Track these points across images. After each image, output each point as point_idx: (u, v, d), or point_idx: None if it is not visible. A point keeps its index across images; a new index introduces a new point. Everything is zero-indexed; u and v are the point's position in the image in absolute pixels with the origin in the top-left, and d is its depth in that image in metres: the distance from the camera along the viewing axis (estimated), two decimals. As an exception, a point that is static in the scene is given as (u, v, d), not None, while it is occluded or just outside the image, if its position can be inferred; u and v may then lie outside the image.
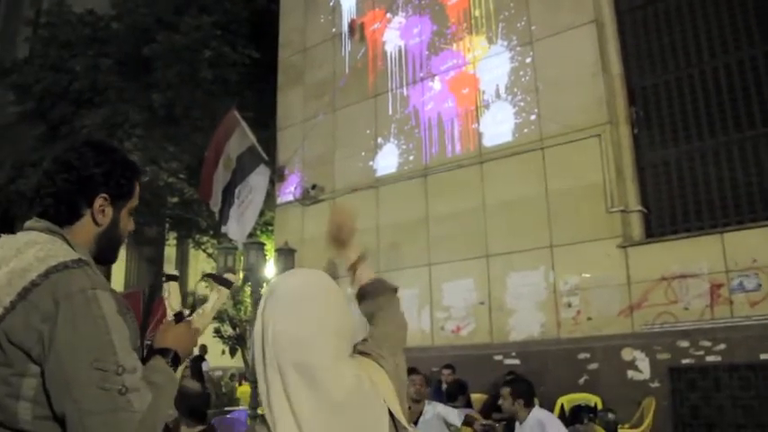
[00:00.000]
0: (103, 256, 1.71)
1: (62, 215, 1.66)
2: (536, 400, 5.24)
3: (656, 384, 7.65)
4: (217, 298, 1.90)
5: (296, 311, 1.44)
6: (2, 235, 1.66)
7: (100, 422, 1.38)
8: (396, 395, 1.47)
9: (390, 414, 1.43)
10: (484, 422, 5.36)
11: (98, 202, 1.68)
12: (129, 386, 1.42)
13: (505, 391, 4.83)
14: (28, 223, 1.68)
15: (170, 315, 1.80)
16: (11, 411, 1.42)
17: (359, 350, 1.55)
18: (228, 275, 1.90)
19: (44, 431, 1.43)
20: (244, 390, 11.99)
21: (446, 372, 8.52)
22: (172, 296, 1.90)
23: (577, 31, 9.12)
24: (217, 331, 13.66)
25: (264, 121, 12.77)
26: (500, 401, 4.89)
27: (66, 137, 15.02)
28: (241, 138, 10.06)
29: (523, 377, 6.69)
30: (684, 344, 7.56)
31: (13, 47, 24.23)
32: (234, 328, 15.06)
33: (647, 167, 8.77)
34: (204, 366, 12.83)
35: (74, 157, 1.69)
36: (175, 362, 1.64)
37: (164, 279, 1.99)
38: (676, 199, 8.46)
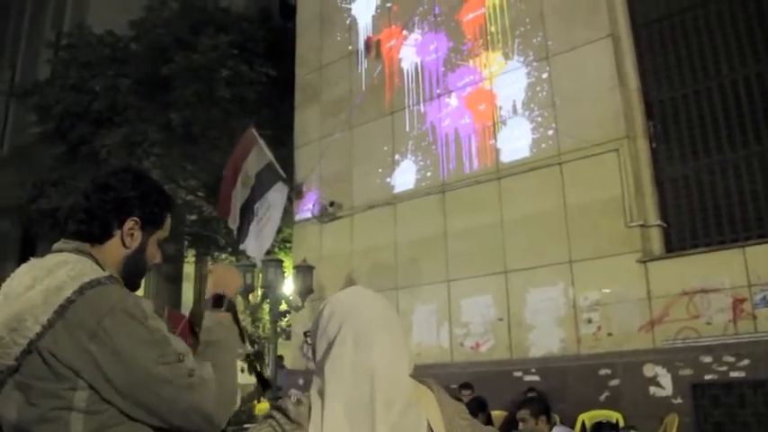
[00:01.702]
0: (128, 281, 1.75)
1: (93, 233, 1.72)
2: (556, 417, 5.20)
3: (678, 401, 7.55)
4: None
5: (372, 313, 1.54)
6: (31, 258, 1.71)
7: (187, 404, 1.54)
8: (442, 420, 1.49)
9: None
10: None
11: (129, 224, 1.74)
12: (192, 366, 1.56)
13: (524, 412, 4.78)
14: (57, 245, 1.73)
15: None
16: (63, 423, 1.47)
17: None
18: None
19: None
20: (262, 407, 11.97)
21: (465, 392, 8.45)
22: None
23: (594, 46, 9.11)
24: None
25: (282, 139, 12.84)
26: (520, 425, 4.83)
27: (86, 157, 15.21)
28: (259, 155, 10.11)
29: (541, 394, 6.66)
30: (707, 359, 7.46)
31: (34, 69, 24.54)
32: (253, 345, 15.07)
33: (666, 181, 8.71)
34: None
35: (112, 179, 1.76)
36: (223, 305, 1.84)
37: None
38: (696, 213, 8.38)
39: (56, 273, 1.57)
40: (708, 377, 7.44)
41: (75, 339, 1.48)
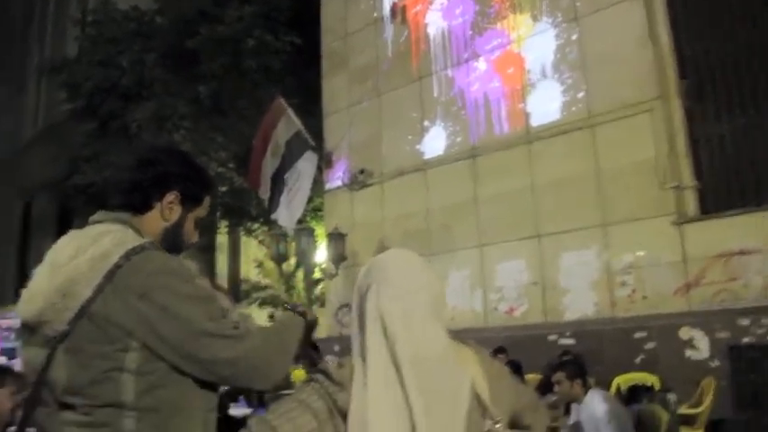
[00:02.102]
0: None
1: (134, 203, 1.77)
2: (591, 380, 5.18)
3: (715, 364, 7.51)
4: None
5: (403, 270, 1.57)
6: (69, 231, 1.75)
7: (234, 352, 1.57)
8: (488, 384, 1.51)
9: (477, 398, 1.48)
10: (552, 397, 5.28)
11: (169, 197, 1.79)
12: (236, 319, 1.63)
13: (560, 375, 4.72)
14: (95, 216, 1.77)
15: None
16: (115, 383, 1.53)
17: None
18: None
19: (144, 402, 1.54)
20: (298, 374, 12.15)
21: (500, 356, 8.48)
22: None
23: (624, 3, 8.91)
24: (271, 316, 13.84)
25: (309, 108, 12.82)
26: (555, 388, 4.80)
27: (117, 132, 15.36)
28: (288, 124, 10.11)
29: (575, 357, 6.64)
30: (745, 322, 7.38)
31: (62, 46, 24.78)
32: (285, 307, 15.20)
33: (700, 141, 8.54)
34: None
35: (156, 154, 1.84)
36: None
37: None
38: (732, 173, 8.22)
39: (100, 241, 1.62)
40: (745, 340, 7.37)
41: (125, 301, 1.54)
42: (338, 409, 1.45)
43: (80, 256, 1.59)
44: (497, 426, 1.46)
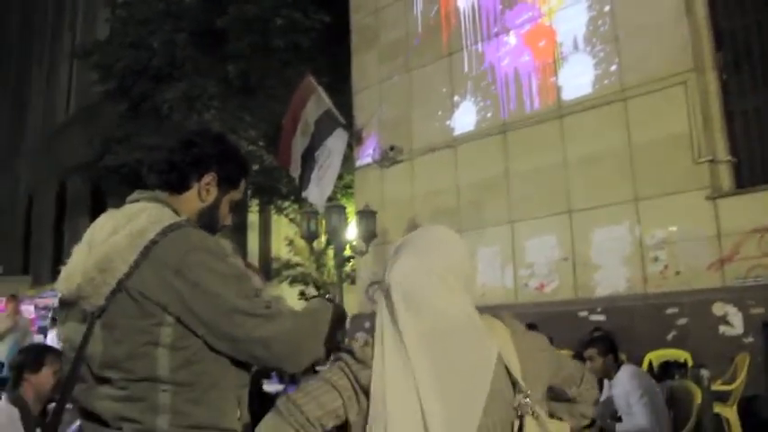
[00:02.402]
0: None
1: (173, 182, 1.82)
2: (622, 356, 5.16)
3: (749, 340, 7.41)
4: None
5: (430, 243, 1.60)
6: (108, 209, 1.79)
7: (266, 330, 1.60)
8: (518, 358, 1.50)
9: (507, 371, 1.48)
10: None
11: (206, 178, 1.84)
12: (268, 300, 1.65)
13: (592, 351, 4.71)
14: (132, 195, 1.82)
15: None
16: (151, 358, 1.57)
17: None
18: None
19: (179, 377, 1.57)
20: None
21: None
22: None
23: (659, -27, 8.72)
24: (302, 294, 13.96)
25: (339, 86, 12.80)
26: (587, 364, 4.79)
27: (149, 113, 15.50)
28: (317, 102, 10.12)
29: (607, 333, 6.60)
30: (782, 298, 7.27)
31: (94, 29, 25.03)
32: (318, 290, 15.34)
33: (736, 115, 8.37)
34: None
35: (196, 137, 1.89)
36: None
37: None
38: (768, 147, 8.07)
39: (137, 219, 1.65)
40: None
41: (161, 276, 1.57)
42: (361, 386, 1.48)
43: (118, 233, 1.63)
44: (526, 400, 1.45)
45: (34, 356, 3.48)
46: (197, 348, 1.59)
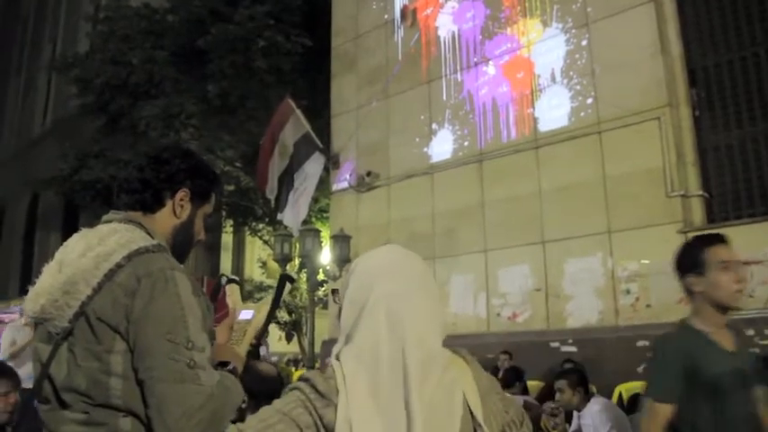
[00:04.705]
0: (176, 250, 1.80)
1: (146, 201, 1.79)
2: (593, 388, 5.16)
3: (719, 373, 7.44)
4: (258, 319, 2.01)
5: (403, 269, 1.48)
6: (81, 228, 1.76)
7: (170, 391, 1.47)
8: (480, 399, 1.42)
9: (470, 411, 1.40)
10: (552, 405, 5.27)
11: (180, 194, 1.82)
12: (197, 361, 1.51)
13: (562, 383, 4.73)
14: (107, 216, 1.79)
15: (234, 314, 1.95)
16: (104, 386, 1.52)
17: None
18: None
19: (134, 406, 1.52)
20: (300, 374, 12.18)
21: (503, 356, 8.48)
22: (233, 297, 2.02)
23: (635, 11, 8.89)
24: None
25: (318, 110, 12.84)
26: (557, 396, 4.80)
27: (126, 129, 15.41)
28: (296, 125, 10.15)
29: (578, 365, 6.61)
30: (749, 332, 7.31)
31: (74, 42, 24.90)
32: (290, 315, 15.26)
33: (708, 150, 8.52)
34: (263, 351, 13.02)
35: (165, 153, 1.85)
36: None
37: (224, 282, 2.09)
38: (740, 183, 8.18)
39: (107, 241, 1.63)
40: (750, 351, 7.28)
41: (114, 296, 1.54)
42: (324, 425, 1.33)
43: (88, 254, 1.61)
44: None
45: None
46: None
